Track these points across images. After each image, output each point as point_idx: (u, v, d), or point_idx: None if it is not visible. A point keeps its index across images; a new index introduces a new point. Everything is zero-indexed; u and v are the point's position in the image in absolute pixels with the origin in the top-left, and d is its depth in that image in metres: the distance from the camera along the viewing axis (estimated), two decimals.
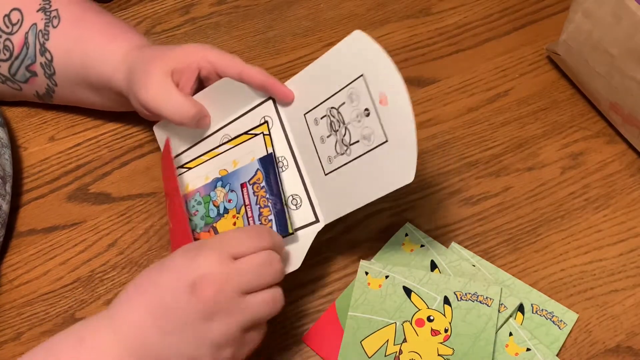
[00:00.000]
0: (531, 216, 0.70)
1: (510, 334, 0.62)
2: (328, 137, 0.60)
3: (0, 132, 0.69)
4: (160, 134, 0.69)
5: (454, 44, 0.83)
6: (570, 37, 0.73)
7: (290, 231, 0.59)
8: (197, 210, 0.64)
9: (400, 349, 0.61)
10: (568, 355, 0.62)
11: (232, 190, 0.63)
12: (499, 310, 0.62)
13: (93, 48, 0.67)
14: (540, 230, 0.69)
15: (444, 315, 0.62)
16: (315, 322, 0.63)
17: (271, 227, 0.59)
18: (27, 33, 0.68)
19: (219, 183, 0.64)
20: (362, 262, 0.65)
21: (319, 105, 0.61)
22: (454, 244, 0.68)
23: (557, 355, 0.62)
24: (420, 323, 0.62)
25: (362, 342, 0.61)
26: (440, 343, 0.61)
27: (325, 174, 0.60)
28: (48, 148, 0.74)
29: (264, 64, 0.80)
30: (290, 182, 0.62)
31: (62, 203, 0.70)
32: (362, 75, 0.57)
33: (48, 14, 0.68)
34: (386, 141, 0.56)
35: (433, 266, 0.66)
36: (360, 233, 0.69)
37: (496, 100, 0.78)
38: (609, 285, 0.66)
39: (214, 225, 0.63)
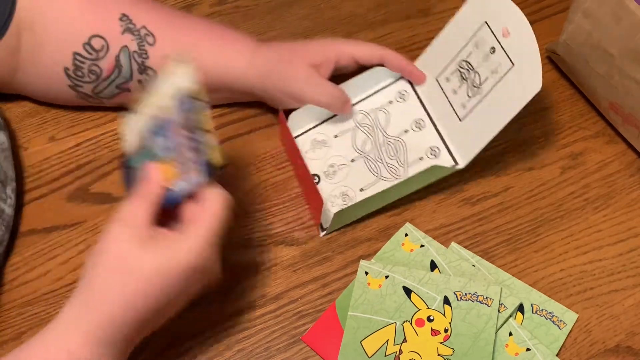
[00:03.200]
0: (531, 216, 0.70)
1: (510, 334, 0.62)
2: (459, 87, 0.69)
3: (0, 135, 0.69)
4: (295, 121, 0.72)
5: None
6: (570, 37, 0.73)
7: (219, 164, 0.56)
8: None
9: (400, 349, 0.61)
10: (568, 355, 0.62)
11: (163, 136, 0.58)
12: (498, 310, 0.62)
13: (209, 54, 0.68)
14: (540, 230, 0.69)
15: (444, 315, 0.62)
16: (315, 322, 0.64)
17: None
18: (117, 56, 0.67)
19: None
20: (362, 262, 0.66)
21: (449, 64, 0.71)
22: (453, 244, 0.68)
23: (557, 355, 0.62)
24: (420, 323, 0.62)
25: (362, 342, 0.61)
26: (440, 343, 0.61)
27: (461, 120, 0.69)
28: (48, 148, 0.74)
29: None
30: (428, 137, 0.71)
31: (62, 203, 0.70)
32: (485, 23, 0.68)
33: (137, 33, 0.67)
34: (512, 66, 0.65)
35: (433, 266, 0.66)
36: (360, 233, 0.69)
37: None
38: (608, 285, 0.66)
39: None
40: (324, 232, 0.68)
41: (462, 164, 0.69)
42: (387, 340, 0.61)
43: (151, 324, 0.54)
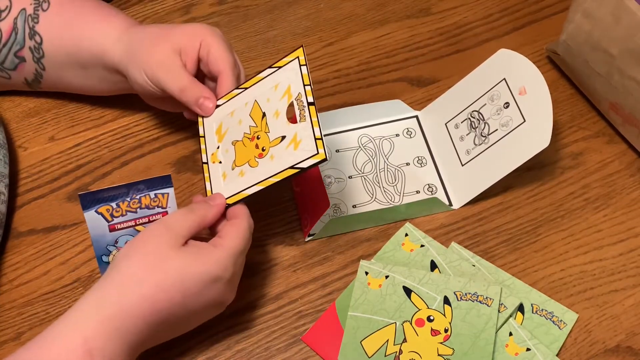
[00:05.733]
0: (531, 216, 0.70)
1: (510, 334, 0.62)
2: (467, 135, 0.71)
3: None
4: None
5: (454, 44, 0.83)
6: (570, 37, 0.73)
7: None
8: None
9: (400, 349, 0.61)
10: (568, 355, 0.62)
11: None
12: (498, 310, 0.62)
13: (85, 27, 0.68)
14: (540, 230, 0.69)
15: (444, 315, 0.62)
16: (315, 322, 0.63)
17: None
18: (15, 18, 0.68)
19: None
20: (362, 262, 0.65)
21: (460, 113, 0.72)
22: (453, 244, 0.68)
23: (557, 355, 0.62)
24: (420, 323, 0.62)
25: (362, 342, 0.61)
26: (440, 343, 0.61)
27: (463, 165, 0.70)
28: (48, 148, 0.74)
29: (265, 63, 0.80)
30: (427, 175, 0.72)
31: (62, 203, 0.70)
32: (503, 79, 0.70)
33: None
34: (524, 122, 0.67)
35: (433, 266, 0.66)
36: (360, 233, 0.69)
37: None
38: (609, 285, 0.66)
39: None
40: (310, 238, 0.68)
41: (456, 206, 0.70)
42: (387, 340, 0.61)
43: (165, 326, 0.54)
